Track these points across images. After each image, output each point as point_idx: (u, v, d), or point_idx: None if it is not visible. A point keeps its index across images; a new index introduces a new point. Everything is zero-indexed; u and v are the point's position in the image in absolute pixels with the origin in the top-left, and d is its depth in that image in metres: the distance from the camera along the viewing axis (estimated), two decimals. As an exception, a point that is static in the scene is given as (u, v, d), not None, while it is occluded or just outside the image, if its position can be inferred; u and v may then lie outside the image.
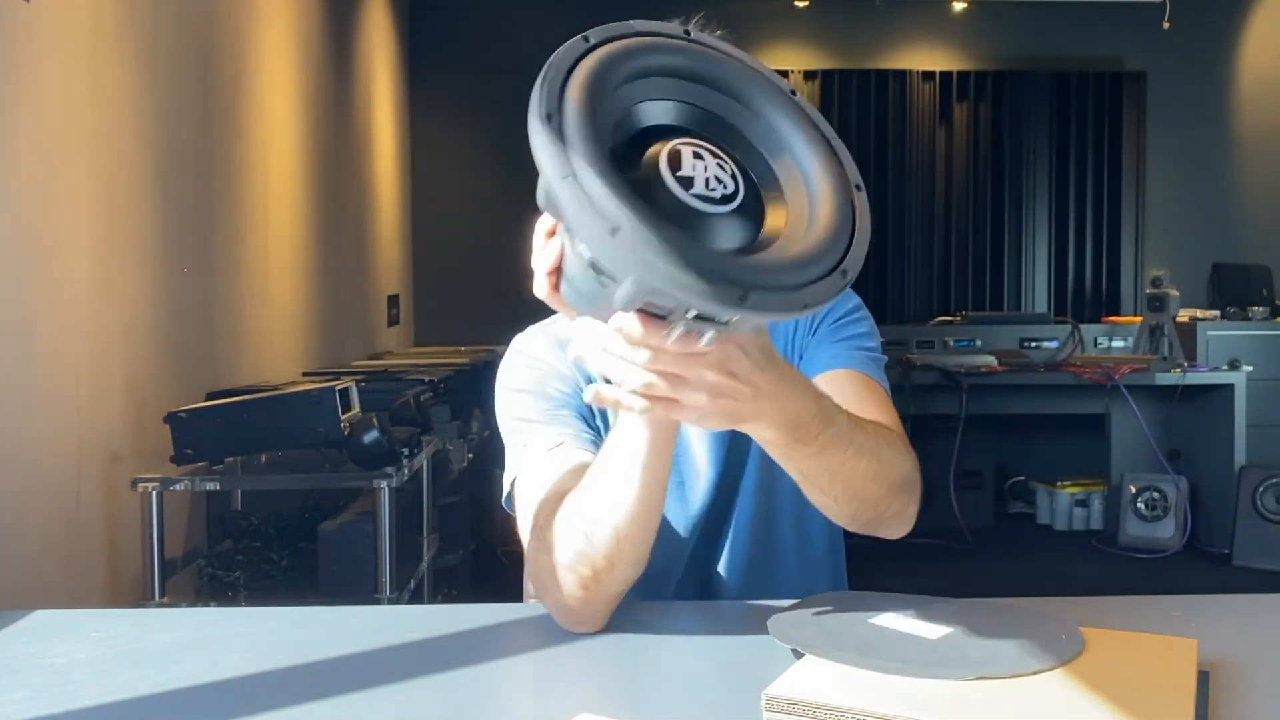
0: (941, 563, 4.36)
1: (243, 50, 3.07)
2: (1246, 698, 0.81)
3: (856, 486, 0.94)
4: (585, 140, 0.67)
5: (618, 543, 0.95)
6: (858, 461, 0.92)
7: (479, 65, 5.62)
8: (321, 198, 3.86)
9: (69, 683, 0.88)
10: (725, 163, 0.73)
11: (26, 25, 1.85)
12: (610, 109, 0.71)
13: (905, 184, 5.93)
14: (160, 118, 2.44)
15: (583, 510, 0.97)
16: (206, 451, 2.12)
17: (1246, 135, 5.95)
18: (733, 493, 1.22)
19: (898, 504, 1.00)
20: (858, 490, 0.94)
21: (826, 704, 0.73)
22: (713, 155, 0.72)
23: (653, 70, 0.75)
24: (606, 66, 0.72)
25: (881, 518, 1.01)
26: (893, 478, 0.97)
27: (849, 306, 1.25)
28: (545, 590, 1.01)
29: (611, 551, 0.96)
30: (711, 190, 0.71)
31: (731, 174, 0.73)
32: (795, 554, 1.24)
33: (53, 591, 1.91)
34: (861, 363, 1.18)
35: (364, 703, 0.82)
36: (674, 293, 0.65)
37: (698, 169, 0.71)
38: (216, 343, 2.81)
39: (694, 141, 0.73)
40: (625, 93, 0.73)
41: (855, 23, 5.92)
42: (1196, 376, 4.37)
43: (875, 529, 1.03)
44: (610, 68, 0.72)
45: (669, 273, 0.64)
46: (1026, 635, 0.85)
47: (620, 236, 0.64)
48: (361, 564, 2.17)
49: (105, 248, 2.15)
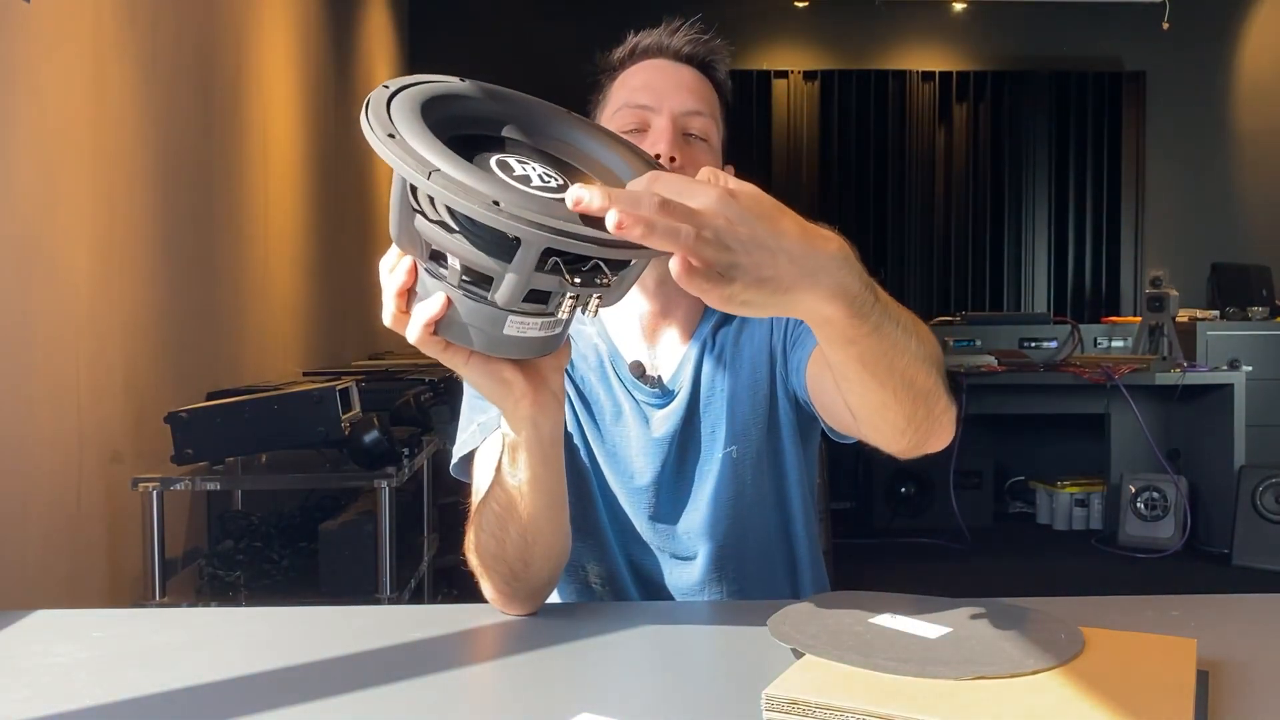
0: (941, 563, 4.37)
1: (243, 50, 3.07)
2: (1246, 698, 0.81)
3: (911, 373, 0.86)
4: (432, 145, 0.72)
5: (526, 546, 1.00)
6: (908, 341, 0.84)
7: (479, 65, 5.62)
8: (321, 198, 3.86)
9: (69, 683, 0.88)
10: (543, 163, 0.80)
11: (26, 25, 1.85)
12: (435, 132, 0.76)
13: (905, 184, 5.93)
14: (160, 118, 2.44)
15: (489, 519, 1.01)
16: (207, 451, 2.12)
17: (1246, 135, 5.96)
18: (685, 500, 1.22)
19: (945, 397, 0.92)
20: (912, 378, 0.86)
21: (826, 704, 0.73)
22: (531, 159, 0.80)
23: (453, 105, 0.81)
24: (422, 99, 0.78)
25: (933, 417, 0.92)
26: (934, 359, 0.89)
27: None
28: (479, 577, 1.06)
29: (523, 554, 1.00)
30: (546, 182, 0.76)
31: (559, 175, 0.79)
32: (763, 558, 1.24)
33: (53, 591, 1.91)
34: None
35: (364, 703, 0.82)
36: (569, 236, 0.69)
37: (527, 168, 0.77)
38: (217, 343, 2.81)
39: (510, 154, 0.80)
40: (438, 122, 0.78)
41: (855, 23, 5.92)
42: (1196, 376, 4.37)
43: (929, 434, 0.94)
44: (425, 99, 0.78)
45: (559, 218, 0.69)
46: (1026, 635, 0.85)
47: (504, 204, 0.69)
48: (361, 564, 2.17)
49: (105, 248, 2.16)
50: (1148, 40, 5.76)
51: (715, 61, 1.23)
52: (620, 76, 1.23)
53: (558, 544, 1.03)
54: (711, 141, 1.19)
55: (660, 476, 1.21)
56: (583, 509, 1.23)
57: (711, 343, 1.22)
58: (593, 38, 1.46)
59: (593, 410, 1.23)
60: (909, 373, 0.86)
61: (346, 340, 4.13)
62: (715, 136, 1.20)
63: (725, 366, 1.21)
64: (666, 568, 1.24)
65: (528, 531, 0.99)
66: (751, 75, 5.86)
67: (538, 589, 1.05)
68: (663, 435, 1.21)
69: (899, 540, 4.63)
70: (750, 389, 1.21)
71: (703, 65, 1.22)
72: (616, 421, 1.23)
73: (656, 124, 1.16)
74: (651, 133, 1.16)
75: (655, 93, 1.18)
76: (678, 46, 1.21)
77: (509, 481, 0.97)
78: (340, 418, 2.16)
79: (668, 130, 1.15)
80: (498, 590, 1.04)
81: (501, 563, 1.01)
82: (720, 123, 1.22)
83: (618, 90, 1.22)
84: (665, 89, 1.18)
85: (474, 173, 0.71)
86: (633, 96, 1.18)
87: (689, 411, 1.21)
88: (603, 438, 1.23)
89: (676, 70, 1.20)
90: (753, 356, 1.21)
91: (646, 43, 1.22)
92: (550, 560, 1.03)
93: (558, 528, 1.02)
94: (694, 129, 1.18)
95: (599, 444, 1.23)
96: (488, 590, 1.05)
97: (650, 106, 1.17)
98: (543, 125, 0.85)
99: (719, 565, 1.22)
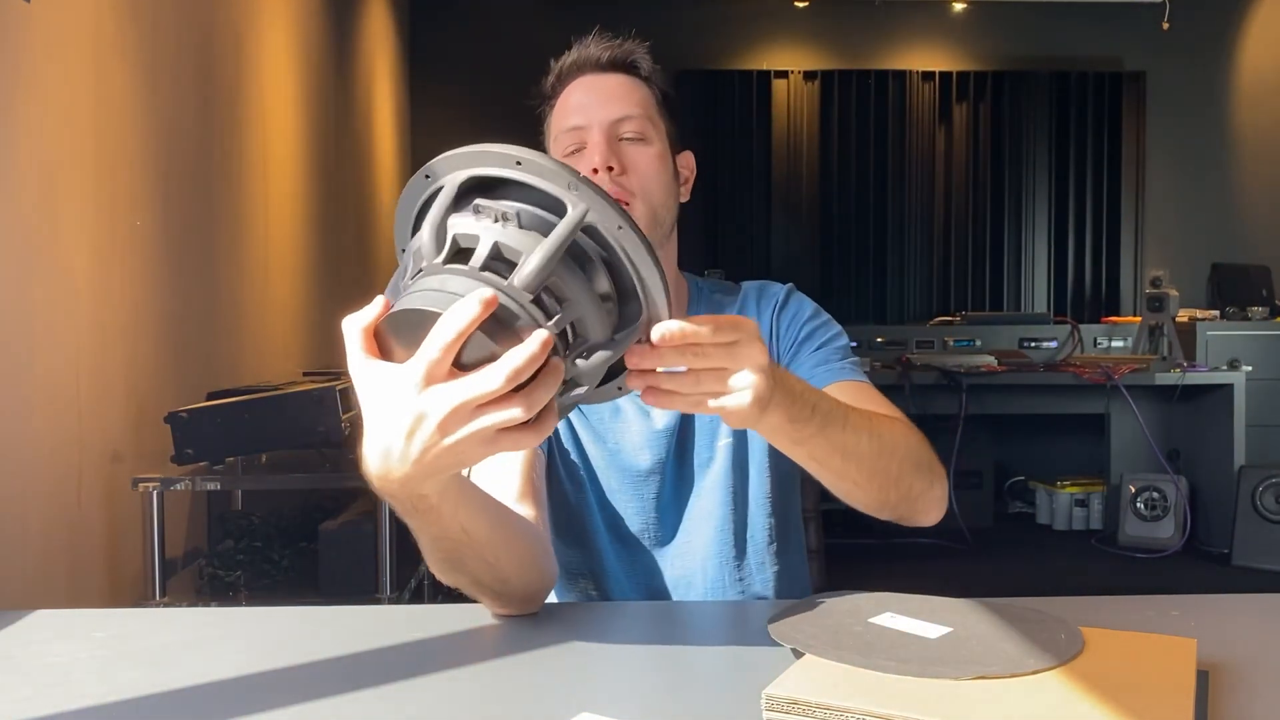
0: (941, 563, 4.36)
1: (243, 50, 3.07)
2: (1246, 698, 0.81)
3: (870, 464, 0.96)
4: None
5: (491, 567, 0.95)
6: (859, 438, 0.94)
7: (479, 65, 5.62)
8: (321, 198, 3.86)
9: (69, 683, 0.88)
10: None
11: (26, 25, 1.85)
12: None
13: (905, 184, 5.93)
14: (161, 118, 2.44)
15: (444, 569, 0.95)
16: (207, 451, 2.12)
17: (1246, 135, 5.95)
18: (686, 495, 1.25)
19: (920, 482, 1.03)
20: (873, 467, 0.97)
21: (826, 704, 0.73)
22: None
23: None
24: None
25: (910, 498, 1.03)
26: (901, 452, 0.99)
27: (808, 313, 1.28)
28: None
29: (495, 574, 0.96)
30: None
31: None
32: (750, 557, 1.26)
33: (53, 591, 1.91)
34: (850, 371, 1.21)
35: (364, 703, 0.82)
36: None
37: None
38: (217, 343, 2.81)
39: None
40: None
41: (855, 23, 5.92)
42: (1196, 376, 4.37)
43: (912, 513, 1.06)
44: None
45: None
46: (1026, 635, 0.85)
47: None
48: (361, 564, 2.17)
49: (106, 248, 2.16)
50: (1148, 40, 5.76)
51: (636, 60, 1.25)
52: (555, 104, 1.26)
53: (526, 554, 1.00)
54: (648, 138, 1.22)
55: (664, 464, 1.23)
56: (580, 522, 1.24)
57: None
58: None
59: (587, 415, 1.24)
60: (867, 464, 0.96)
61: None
62: (653, 132, 1.23)
63: None
64: (666, 567, 1.24)
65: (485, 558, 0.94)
66: (751, 75, 5.86)
67: (530, 595, 1.03)
68: (664, 426, 1.23)
69: (899, 540, 4.63)
70: None
71: (625, 67, 1.25)
72: (615, 418, 1.24)
73: (591, 139, 1.20)
74: (587, 150, 1.20)
75: (584, 110, 1.21)
76: (597, 56, 1.24)
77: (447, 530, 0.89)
78: (340, 418, 2.16)
79: (601, 143, 1.19)
80: (490, 604, 1.03)
81: (480, 590, 0.99)
82: (659, 117, 1.25)
83: (555, 118, 1.25)
84: (592, 104, 1.21)
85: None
86: (566, 120, 1.22)
87: (684, 418, 1.23)
88: (603, 438, 1.23)
89: (602, 81, 1.23)
90: None
91: (568, 63, 1.26)
92: (525, 570, 1.00)
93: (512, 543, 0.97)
94: (627, 132, 1.21)
95: (598, 446, 1.23)
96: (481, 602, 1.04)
97: (582, 125, 1.21)
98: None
99: (719, 559, 1.23)
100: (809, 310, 1.28)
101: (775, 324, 1.27)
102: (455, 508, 0.87)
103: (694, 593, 1.24)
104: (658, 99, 1.26)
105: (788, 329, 1.27)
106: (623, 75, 1.24)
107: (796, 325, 1.26)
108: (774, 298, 1.30)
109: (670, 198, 1.24)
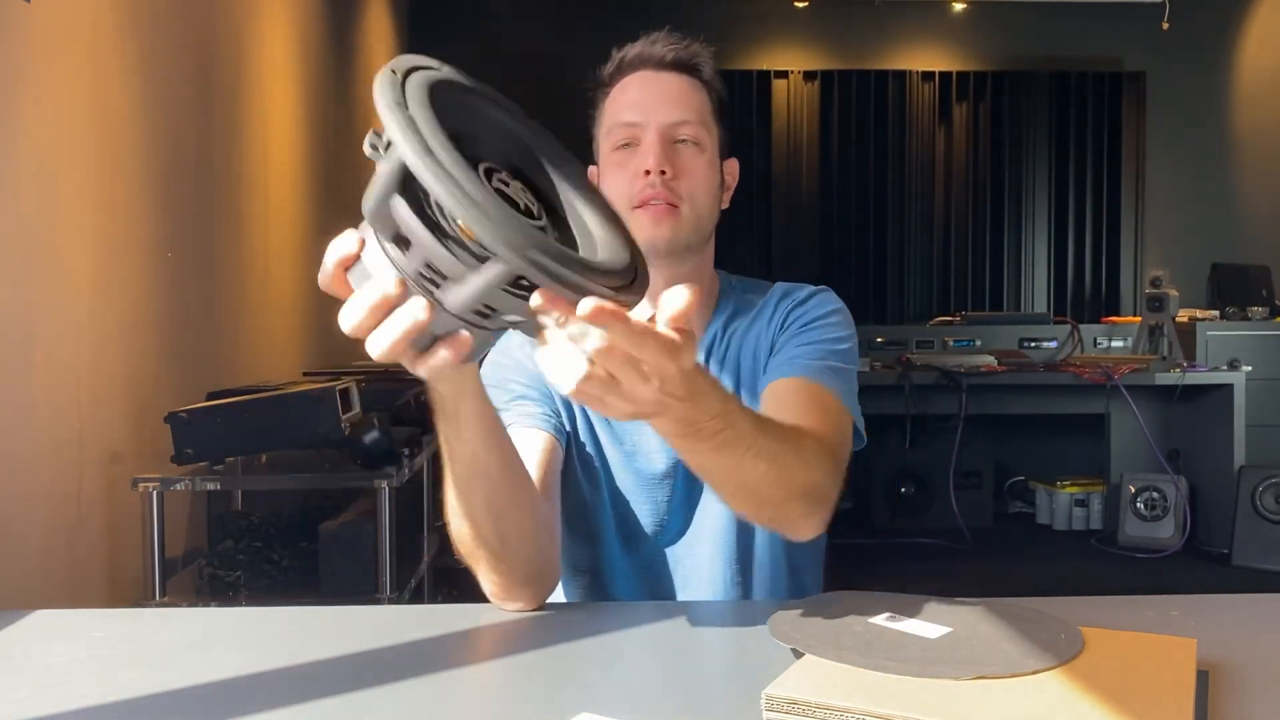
0: (941, 563, 4.36)
1: (243, 50, 3.07)
2: (1246, 698, 0.81)
3: (752, 487, 0.95)
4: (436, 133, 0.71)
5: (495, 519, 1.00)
6: (756, 464, 0.92)
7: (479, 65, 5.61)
8: (321, 198, 3.86)
9: (69, 683, 0.88)
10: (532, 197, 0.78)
11: (26, 25, 1.85)
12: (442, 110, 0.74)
13: (905, 184, 5.93)
14: (160, 118, 2.44)
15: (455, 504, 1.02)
16: (207, 451, 2.12)
17: (1246, 135, 5.95)
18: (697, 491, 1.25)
19: (796, 511, 1.01)
20: (754, 491, 0.96)
21: (826, 704, 0.73)
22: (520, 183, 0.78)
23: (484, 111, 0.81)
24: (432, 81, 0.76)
25: (778, 520, 1.03)
26: (793, 485, 0.97)
27: (827, 309, 1.25)
28: (473, 570, 1.07)
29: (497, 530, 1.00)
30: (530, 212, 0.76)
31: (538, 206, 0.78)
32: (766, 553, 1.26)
33: (53, 591, 1.91)
34: (817, 372, 1.17)
35: (364, 703, 0.83)
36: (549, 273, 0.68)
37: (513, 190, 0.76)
38: (217, 343, 2.81)
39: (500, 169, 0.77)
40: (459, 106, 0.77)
41: (855, 23, 5.92)
42: (1196, 376, 4.37)
43: (780, 530, 1.06)
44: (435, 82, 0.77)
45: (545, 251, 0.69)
46: (1026, 635, 0.85)
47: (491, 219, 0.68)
48: (361, 564, 2.17)
49: (106, 248, 2.16)
50: (1148, 40, 5.75)
51: (699, 64, 1.25)
52: (611, 93, 1.26)
53: (528, 522, 1.03)
54: (702, 144, 1.22)
55: (678, 467, 1.23)
56: (591, 518, 1.24)
57: (722, 336, 1.27)
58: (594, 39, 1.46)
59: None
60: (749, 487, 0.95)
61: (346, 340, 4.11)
62: (707, 138, 1.23)
63: (731, 361, 1.26)
64: (673, 567, 1.25)
65: (492, 501, 0.99)
66: (751, 75, 5.86)
67: (530, 574, 1.05)
68: None
69: (899, 540, 4.63)
70: (751, 387, 1.23)
71: (688, 69, 1.24)
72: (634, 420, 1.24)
73: (645, 139, 1.20)
74: (641, 148, 1.20)
75: (641, 108, 1.21)
76: (661, 55, 1.24)
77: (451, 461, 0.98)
78: (340, 418, 2.16)
79: (656, 145, 1.19)
80: (489, 578, 1.05)
81: (480, 545, 1.02)
82: (714, 123, 1.25)
83: (609, 108, 1.25)
84: (651, 103, 1.21)
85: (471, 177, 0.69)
86: (621, 115, 1.22)
87: None
88: (620, 440, 1.24)
89: (662, 80, 1.23)
90: (754, 352, 1.25)
91: (631, 56, 1.25)
92: (526, 539, 1.03)
93: (520, 501, 1.02)
94: (683, 136, 1.21)
95: (615, 448, 1.24)
96: (483, 581, 1.06)
97: (637, 123, 1.21)
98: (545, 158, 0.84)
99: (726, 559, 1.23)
100: (823, 309, 1.26)
101: (785, 315, 1.26)
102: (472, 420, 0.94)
103: (701, 592, 1.24)
104: (715, 105, 1.26)
105: (790, 318, 1.25)
106: (684, 77, 1.24)
107: (800, 315, 1.25)
108: (795, 295, 1.28)
109: (714, 205, 1.25)
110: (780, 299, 1.28)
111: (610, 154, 1.24)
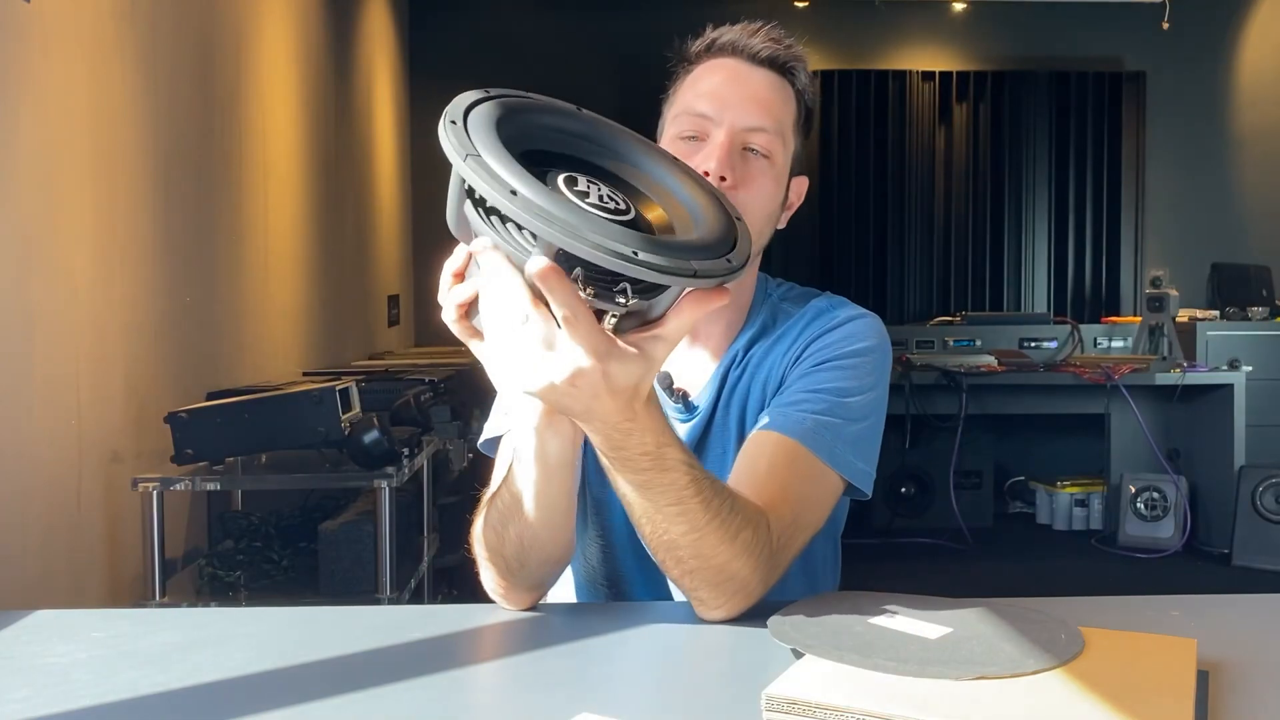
0: (941, 563, 4.37)
1: (243, 50, 3.07)
2: (1246, 698, 0.81)
3: (666, 540, 0.91)
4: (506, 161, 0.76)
5: (523, 549, 1.00)
6: (675, 523, 0.89)
7: (479, 65, 5.62)
8: (321, 198, 3.86)
9: (69, 683, 0.88)
10: (615, 191, 0.81)
11: (26, 25, 1.85)
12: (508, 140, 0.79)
13: (905, 184, 5.93)
14: (160, 118, 2.44)
15: (493, 513, 1.02)
16: (207, 451, 2.12)
17: (1246, 135, 5.95)
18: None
19: (704, 590, 0.95)
20: (668, 544, 0.92)
21: (826, 704, 0.73)
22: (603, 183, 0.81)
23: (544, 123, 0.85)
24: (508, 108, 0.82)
25: (683, 588, 0.97)
26: (709, 563, 0.92)
27: (852, 348, 1.12)
28: (480, 565, 1.07)
29: (519, 555, 1.01)
30: (605, 203, 0.77)
31: (623, 199, 0.80)
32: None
33: (53, 591, 1.91)
34: (806, 430, 1.05)
35: (364, 703, 0.82)
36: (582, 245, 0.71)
37: (592, 189, 0.78)
38: (216, 343, 2.81)
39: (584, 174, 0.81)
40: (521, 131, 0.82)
41: (855, 23, 5.92)
42: (1196, 376, 4.37)
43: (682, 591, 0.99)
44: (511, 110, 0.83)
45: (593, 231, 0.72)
46: (1026, 635, 0.85)
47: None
48: (361, 564, 2.17)
49: (106, 247, 2.16)
50: (1148, 40, 5.75)
51: (795, 68, 1.15)
52: (693, 72, 1.16)
53: (555, 553, 1.03)
54: (774, 157, 1.12)
55: None
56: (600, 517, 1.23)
57: (741, 357, 1.18)
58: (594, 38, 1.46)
59: None
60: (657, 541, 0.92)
61: (346, 340, 4.13)
62: (780, 151, 1.13)
63: (744, 390, 1.18)
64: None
65: (525, 536, 1.00)
66: (751, 75, 5.86)
67: (535, 584, 1.06)
68: (685, 436, 1.19)
69: (899, 540, 4.63)
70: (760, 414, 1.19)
71: (781, 70, 1.14)
72: None
73: (714, 137, 1.10)
74: (706, 146, 1.10)
75: (719, 102, 1.11)
76: (755, 48, 1.13)
77: (515, 485, 0.98)
78: (340, 418, 2.16)
79: (723, 147, 1.09)
80: (496, 580, 1.05)
81: (499, 557, 1.03)
82: (792, 136, 1.15)
83: (686, 89, 1.15)
84: (730, 99, 1.11)
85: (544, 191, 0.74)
86: (695, 103, 1.12)
87: (704, 431, 1.19)
88: None
89: (749, 75, 1.13)
90: (764, 382, 1.17)
91: (724, 40, 1.14)
92: (546, 565, 1.04)
93: (557, 540, 1.02)
94: (754, 144, 1.11)
95: None
96: (486, 578, 1.06)
97: (710, 117, 1.11)
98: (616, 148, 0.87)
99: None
100: (847, 346, 1.12)
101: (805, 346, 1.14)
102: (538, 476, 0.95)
103: None
104: (798, 116, 1.16)
105: (808, 351, 1.13)
106: (775, 78, 1.14)
107: (818, 350, 1.12)
108: (825, 320, 1.15)
109: (770, 224, 1.16)
110: (809, 323, 1.16)
111: (673, 141, 1.13)
